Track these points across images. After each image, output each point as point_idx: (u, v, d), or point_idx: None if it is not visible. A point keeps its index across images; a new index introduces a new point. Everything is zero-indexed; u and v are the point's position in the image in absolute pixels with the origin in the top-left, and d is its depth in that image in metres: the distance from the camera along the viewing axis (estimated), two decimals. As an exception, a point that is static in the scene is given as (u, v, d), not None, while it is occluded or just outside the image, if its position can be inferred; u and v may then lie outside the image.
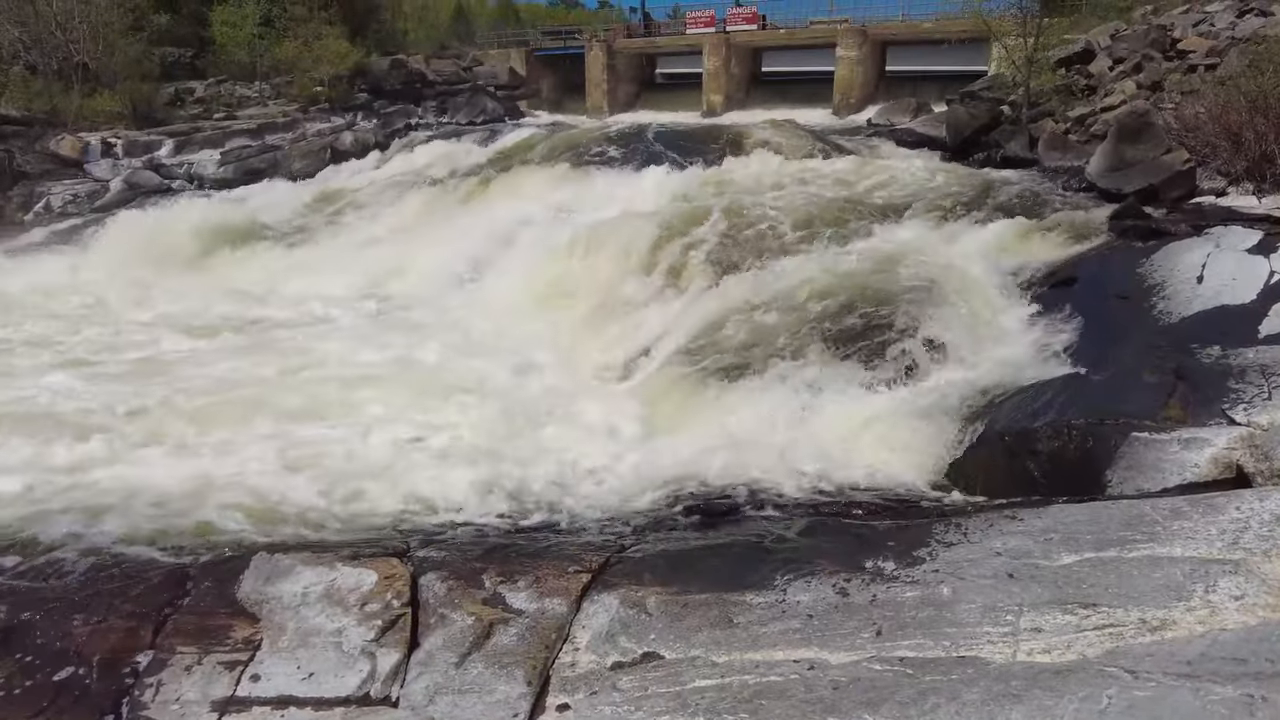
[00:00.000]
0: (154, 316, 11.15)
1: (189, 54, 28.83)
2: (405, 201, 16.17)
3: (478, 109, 26.04)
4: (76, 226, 17.26)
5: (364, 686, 3.60)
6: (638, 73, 34.77)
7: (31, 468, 6.31)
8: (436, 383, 8.63)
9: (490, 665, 3.54)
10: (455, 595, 4.01)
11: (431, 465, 6.34)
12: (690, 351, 8.66)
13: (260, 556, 4.52)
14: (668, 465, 6.54)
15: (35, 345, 9.89)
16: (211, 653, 3.97)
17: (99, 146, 19.98)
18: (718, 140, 17.40)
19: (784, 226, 10.89)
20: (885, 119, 22.33)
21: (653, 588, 3.93)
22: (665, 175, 14.46)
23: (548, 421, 7.71)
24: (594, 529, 5.11)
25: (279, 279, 13.36)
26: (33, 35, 22.88)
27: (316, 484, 5.91)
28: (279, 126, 22.03)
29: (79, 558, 5.00)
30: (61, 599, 4.63)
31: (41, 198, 18.34)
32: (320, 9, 30.14)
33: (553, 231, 12.56)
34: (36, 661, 4.06)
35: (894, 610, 3.53)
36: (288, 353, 9.60)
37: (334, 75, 25.85)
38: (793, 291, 8.93)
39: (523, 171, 16.48)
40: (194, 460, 6.41)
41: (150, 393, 7.97)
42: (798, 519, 5.05)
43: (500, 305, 11.33)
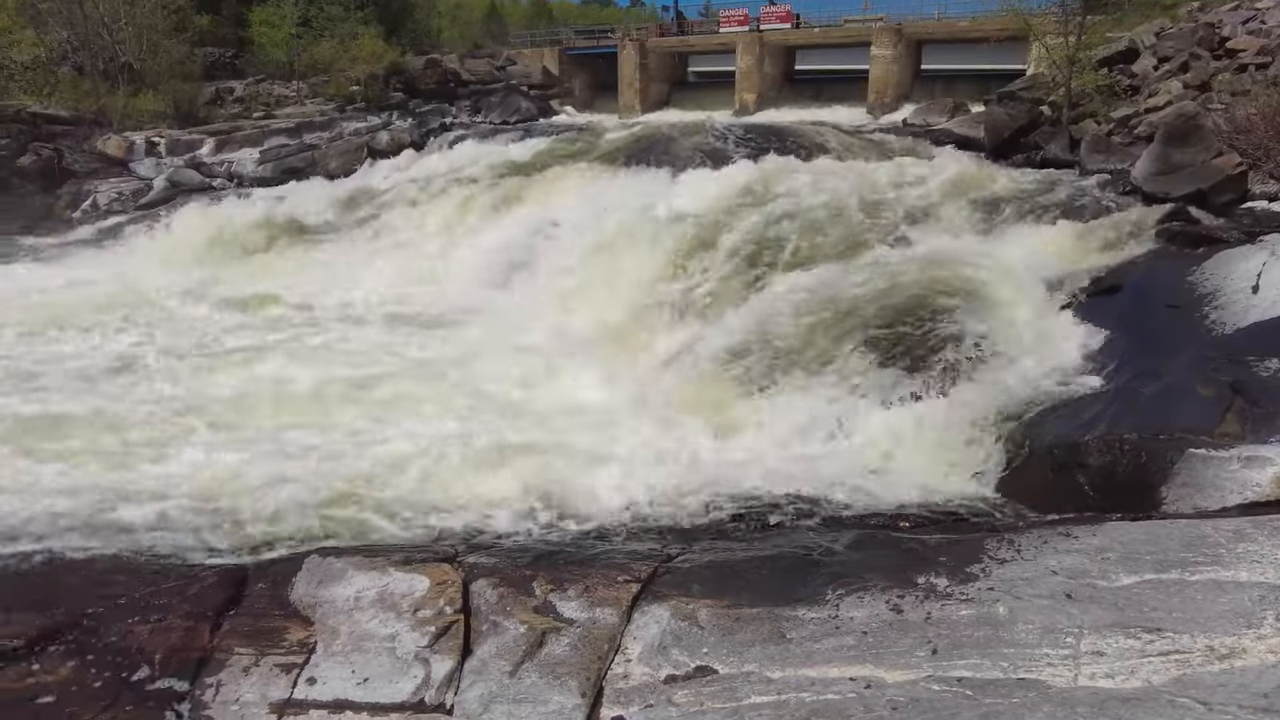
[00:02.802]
0: (205, 312, 11.36)
1: (229, 54, 29.30)
2: (440, 201, 16.28)
3: (511, 108, 26.15)
4: (121, 224, 17.64)
5: (418, 693, 3.65)
6: (670, 71, 34.67)
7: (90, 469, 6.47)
8: (471, 383, 8.70)
9: (544, 675, 3.57)
10: (506, 603, 4.05)
11: (471, 466, 6.39)
12: (728, 355, 8.63)
13: (312, 559, 4.59)
14: (707, 472, 6.54)
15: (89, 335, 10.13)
16: (268, 654, 4.05)
17: (143, 145, 20.39)
18: (753, 140, 17.33)
19: (823, 229, 10.81)
20: (921, 119, 22.05)
21: (703, 600, 3.94)
22: (703, 175, 14.38)
23: (582, 424, 7.74)
24: (638, 537, 5.12)
25: (316, 277, 13.53)
26: (81, 37, 23.40)
27: (361, 483, 5.99)
28: (316, 125, 22.31)
29: (139, 555, 5.12)
30: (123, 596, 4.75)
31: (88, 196, 18.75)
32: (356, 9, 30.50)
33: (588, 232, 12.59)
34: (103, 658, 4.17)
35: (949, 629, 3.51)
36: (327, 353, 9.73)
37: (370, 75, 26.12)
38: (833, 295, 8.87)
39: (559, 170, 16.52)
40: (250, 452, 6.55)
41: (211, 391, 8.15)
42: (844, 531, 5.04)
43: (534, 305, 11.38)
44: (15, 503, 5.62)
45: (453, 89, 27.49)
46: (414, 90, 26.68)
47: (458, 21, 39.28)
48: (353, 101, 25.21)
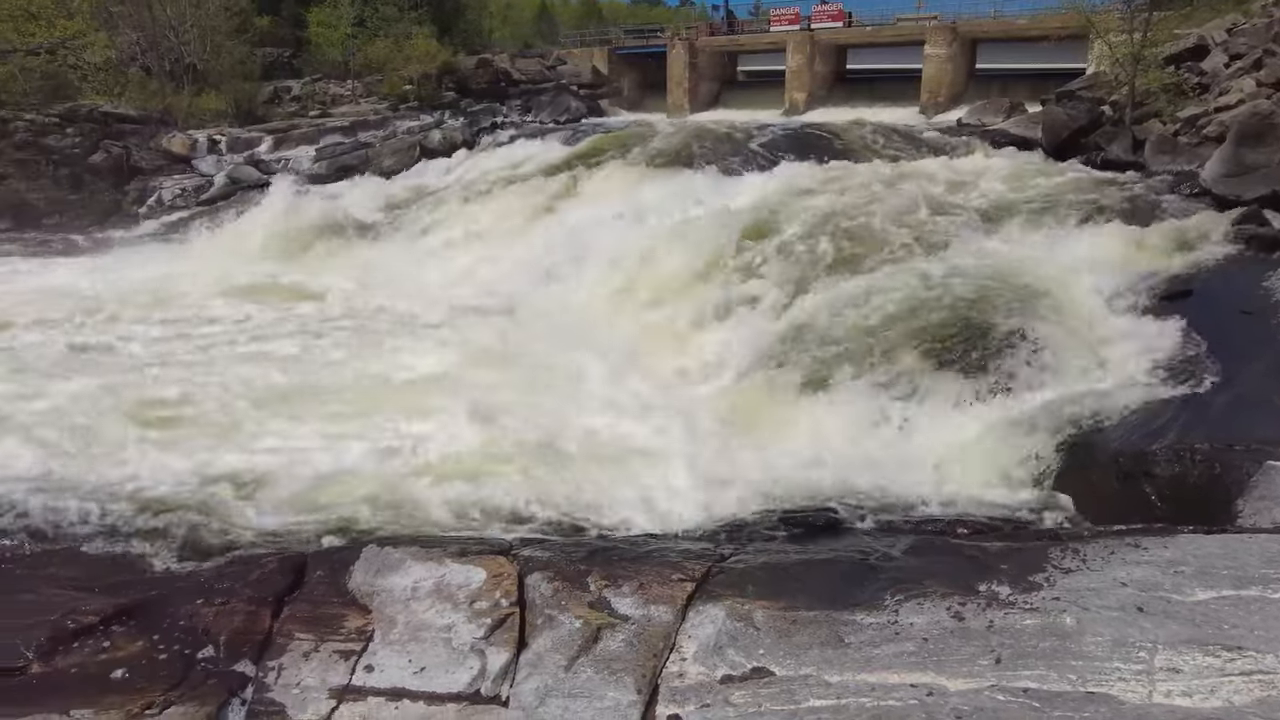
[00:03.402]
0: (256, 307, 11.64)
1: (287, 54, 30.03)
2: (491, 199, 16.45)
3: (561, 108, 26.31)
4: (184, 219, 18.19)
5: (474, 684, 3.69)
6: (719, 71, 34.53)
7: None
8: (521, 381, 8.75)
9: (599, 670, 3.57)
10: (561, 597, 4.07)
11: (524, 461, 6.44)
12: (778, 356, 8.56)
13: (370, 549, 4.67)
14: (757, 472, 6.49)
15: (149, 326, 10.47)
16: (327, 641, 4.13)
17: (205, 143, 21.00)
18: (808, 140, 17.17)
19: (876, 230, 10.65)
20: (976, 119, 21.62)
21: (758, 601, 3.91)
22: (754, 175, 14.31)
23: (631, 422, 7.73)
24: (690, 536, 5.10)
25: (366, 273, 13.76)
26: (149, 39, 24.21)
27: (425, 473, 6.09)
28: (370, 124, 22.74)
29: (203, 539, 5.26)
30: (188, 579, 4.90)
31: (154, 192, 19.37)
32: (410, 9, 31.01)
33: (638, 230, 12.61)
34: (171, 637, 4.30)
35: (1013, 638, 3.42)
36: (382, 347, 9.89)
37: (423, 74, 26.52)
38: (886, 297, 8.74)
39: (608, 169, 16.57)
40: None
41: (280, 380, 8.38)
42: (900, 536, 4.95)
43: (583, 304, 11.42)
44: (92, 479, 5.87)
45: (504, 88, 27.77)
46: (466, 89, 27.01)
47: (509, 21, 39.68)
48: (406, 101, 25.62)
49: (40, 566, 5.04)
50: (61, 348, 9.51)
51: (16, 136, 19.52)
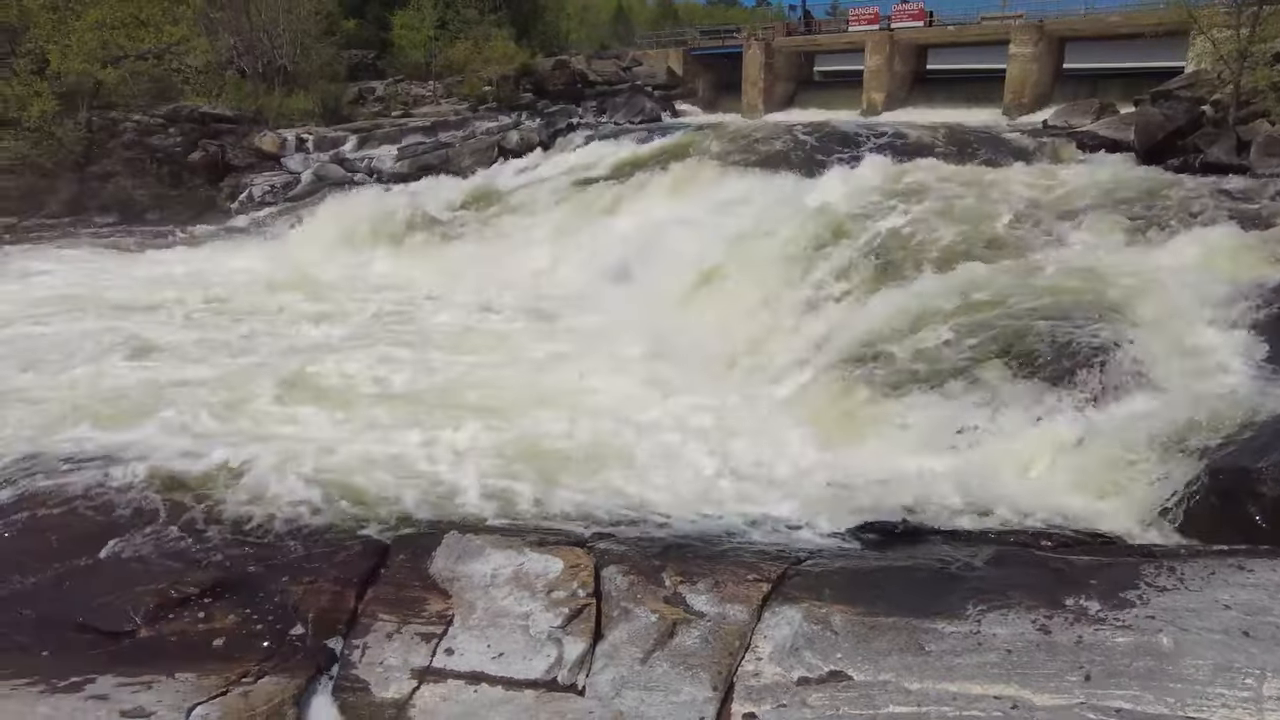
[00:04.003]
0: (340, 302, 12.09)
1: (371, 55, 30.96)
2: (566, 199, 16.68)
3: (636, 109, 26.44)
4: (273, 214, 18.97)
5: (551, 672, 3.76)
6: (795, 71, 34.17)
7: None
8: (588, 375, 8.82)
9: (675, 665, 3.60)
10: (637, 590, 4.11)
11: (600, 458, 6.51)
12: (853, 360, 8.43)
13: (452, 535, 4.80)
14: (832, 476, 6.42)
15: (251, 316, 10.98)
16: (409, 623, 4.26)
17: (294, 142, 21.83)
18: (885, 140, 16.86)
19: (960, 232, 10.40)
20: (1063, 120, 20.84)
21: (836, 605, 3.87)
22: (833, 176, 14.11)
23: (703, 422, 7.73)
24: (765, 537, 5.09)
25: (445, 270, 14.11)
26: (246, 43, 25.33)
27: (497, 469, 6.23)
28: (450, 124, 23.26)
29: (292, 519, 5.49)
30: (279, 557, 5.12)
31: (245, 188, 20.25)
32: (490, 11, 31.62)
33: (713, 230, 12.59)
34: (263, 613, 4.51)
35: (1104, 656, 3.31)
36: (460, 342, 10.14)
37: (501, 75, 27.00)
38: (969, 302, 8.51)
39: (682, 170, 16.60)
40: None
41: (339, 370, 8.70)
42: (981, 545, 4.84)
43: (657, 303, 11.46)
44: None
45: (579, 89, 28.05)
46: (542, 91, 27.38)
47: (585, 23, 40.08)
48: (485, 101, 26.13)
49: (148, 533, 5.34)
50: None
51: (125, 136, 20.68)
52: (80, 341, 9.66)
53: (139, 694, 3.76)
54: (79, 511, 5.71)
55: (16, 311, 11.03)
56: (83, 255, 15.45)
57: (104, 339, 9.77)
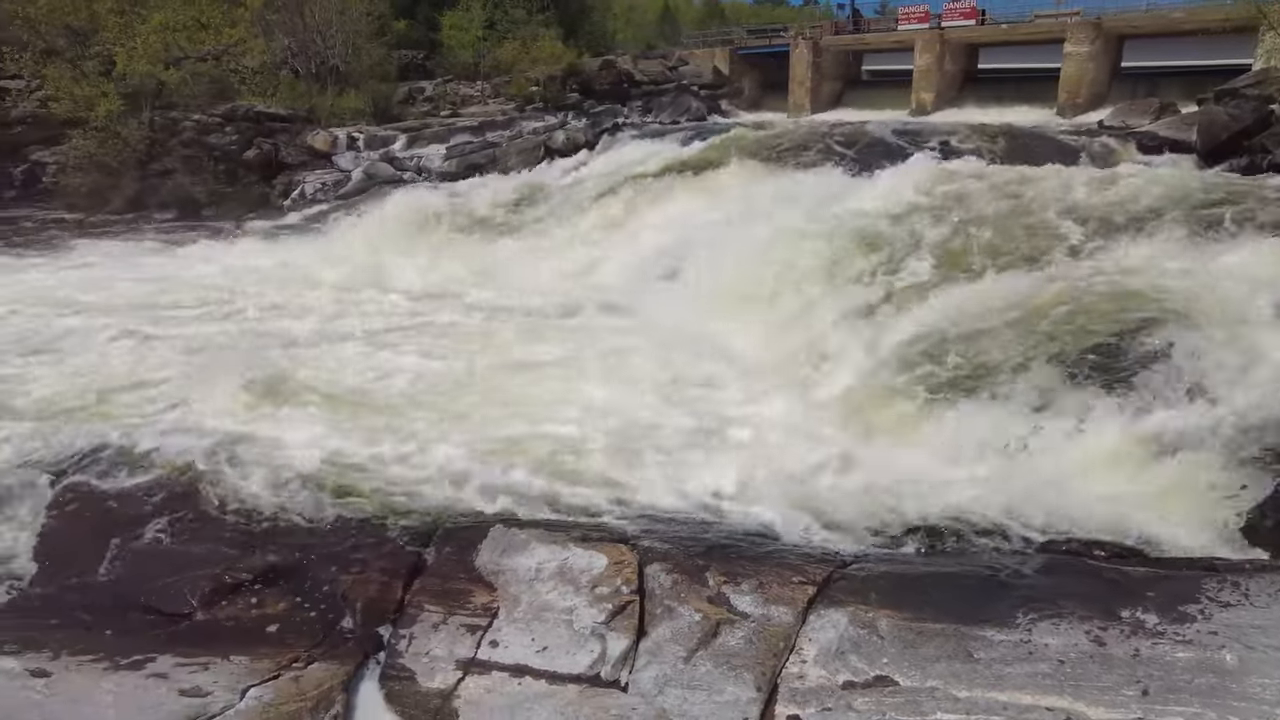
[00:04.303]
0: (394, 299, 12.30)
1: (421, 56, 31.46)
2: (610, 198, 16.72)
3: (681, 108, 26.43)
4: (323, 212, 19.35)
5: (594, 667, 3.78)
6: (843, 70, 33.81)
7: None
8: (636, 378, 8.83)
9: (718, 665, 3.59)
10: (680, 589, 4.11)
11: (642, 456, 6.52)
12: (900, 363, 8.31)
13: (497, 529, 4.86)
14: (876, 481, 6.33)
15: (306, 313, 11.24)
16: (455, 615, 4.33)
17: (345, 140, 22.27)
18: (934, 140, 16.59)
19: (1011, 235, 10.18)
20: (1120, 120, 20.29)
21: (882, 610, 3.83)
22: (879, 176, 13.93)
23: (749, 424, 7.69)
24: (809, 539, 5.05)
25: (491, 268, 14.25)
26: (300, 43, 25.94)
27: (543, 467, 6.29)
28: (498, 124, 23.52)
29: (339, 509, 5.60)
30: (328, 546, 5.23)
31: (298, 186, 20.73)
32: (538, 11, 31.90)
33: (757, 230, 12.50)
34: (313, 600, 4.61)
35: (1162, 671, 3.22)
36: (499, 341, 10.23)
37: (548, 75, 27.23)
38: (1021, 304, 8.33)
39: (726, 170, 16.53)
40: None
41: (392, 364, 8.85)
42: (1031, 553, 4.75)
43: (700, 303, 11.42)
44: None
45: (625, 89, 28.13)
46: (589, 90, 27.52)
47: (632, 23, 40.18)
48: (531, 101, 26.36)
49: (202, 519, 5.50)
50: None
51: (184, 135, 21.34)
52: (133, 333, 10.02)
53: (196, 674, 3.88)
54: (135, 495, 5.90)
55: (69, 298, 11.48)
56: (132, 249, 15.97)
57: (154, 330, 10.13)
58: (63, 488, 5.95)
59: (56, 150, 20.56)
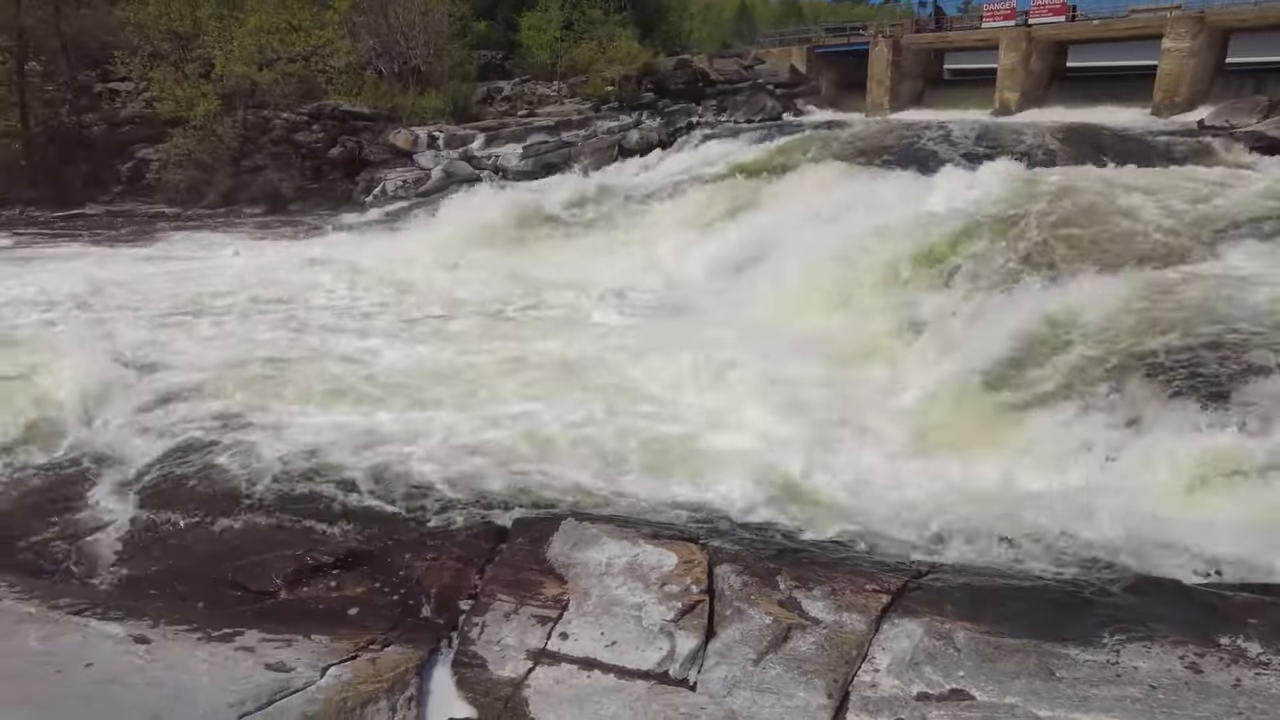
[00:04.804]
0: (470, 294, 12.58)
1: (499, 56, 32.04)
2: (682, 197, 16.73)
3: (756, 107, 26.23)
4: (403, 209, 19.89)
5: (663, 665, 3.79)
6: (923, 69, 32.98)
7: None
8: (705, 377, 8.79)
9: (789, 669, 3.56)
10: (750, 591, 4.09)
11: (712, 456, 6.50)
12: (979, 370, 8.07)
13: (569, 522, 4.91)
14: (953, 489, 6.16)
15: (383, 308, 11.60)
16: (526, 605, 4.39)
17: (425, 139, 22.86)
18: (1017, 140, 16.08)
19: (1101, 239, 9.77)
20: (1223, 120, 19.30)
21: (959, 621, 3.73)
22: (957, 178, 13.56)
23: (819, 427, 7.58)
24: (883, 547, 4.95)
25: (567, 264, 14.41)
26: (384, 44, 26.75)
27: (613, 459, 6.34)
28: (573, 124, 23.79)
29: (416, 497, 5.76)
30: (404, 533, 5.38)
31: (379, 183, 21.38)
32: (615, 11, 32.11)
33: (831, 230, 12.32)
34: (390, 585, 4.75)
35: (1266, 704, 3.05)
36: (574, 334, 10.34)
37: (623, 75, 27.38)
38: (1108, 313, 7.98)
39: (801, 169, 16.35)
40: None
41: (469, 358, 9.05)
42: (1120, 572, 4.55)
43: (772, 305, 11.32)
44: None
45: (700, 88, 28.07)
46: (663, 90, 27.56)
47: (708, 22, 40.06)
48: (606, 101, 26.55)
49: (287, 503, 5.73)
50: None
51: (274, 133, 22.26)
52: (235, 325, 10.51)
53: (280, 650, 4.04)
54: (228, 478, 6.18)
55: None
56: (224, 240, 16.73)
57: (257, 322, 10.60)
58: (164, 467, 6.28)
59: (159, 148, 21.75)
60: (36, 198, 20.52)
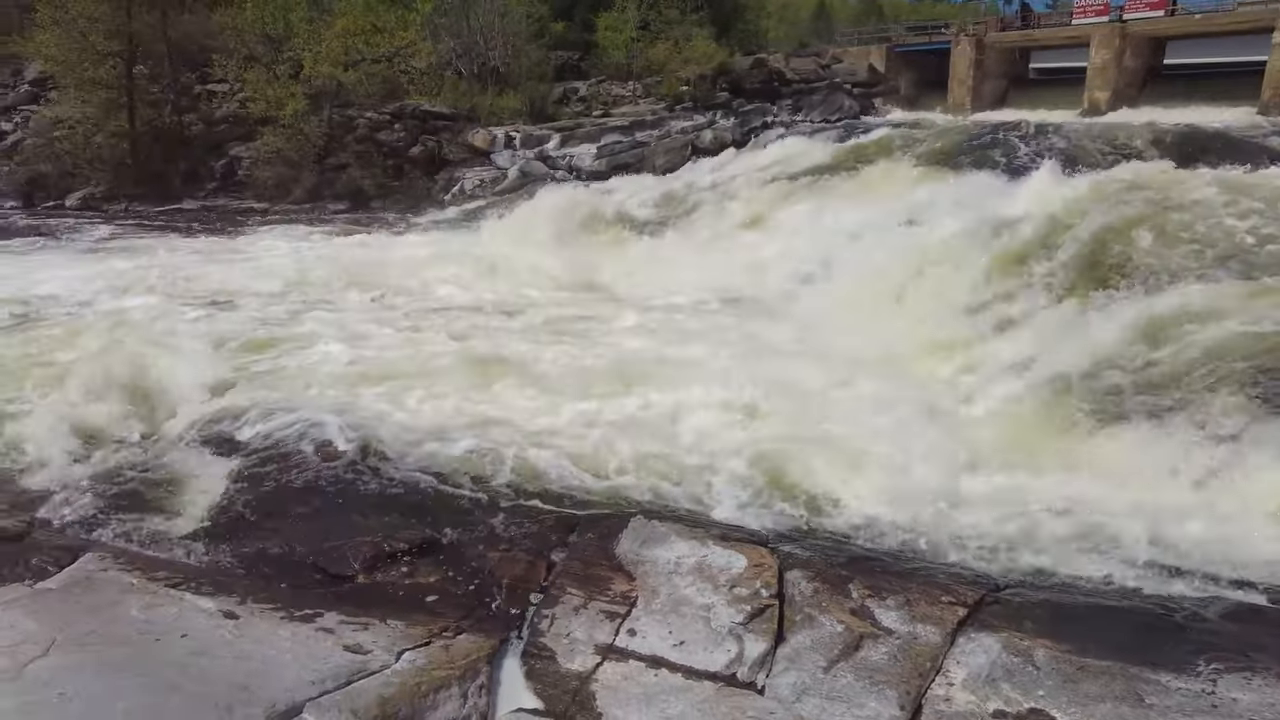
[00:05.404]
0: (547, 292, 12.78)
1: (576, 57, 32.36)
2: (755, 198, 16.59)
3: (833, 106, 25.84)
4: (480, 207, 20.31)
5: (731, 667, 3.77)
6: (1007, 68, 31.91)
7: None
8: (778, 381, 8.70)
9: (860, 678, 3.50)
10: (822, 598, 4.04)
11: (788, 460, 6.43)
12: (1061, 380, 7.77)
13: (638, 520, 4.94)
14: (1034, 504, 5.95)
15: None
16: (595, 600, 4.43)
17: (502, 139, 23.29)
18: (1105, 142, 15.42)
19: (1197, 246, 9.29)
20: (1339, 120, 18.10)
21: (1039, 639, 3.61)
22: (1041, 180, 13.09)
23: (893, 436, 7.42)
24: (958, 559, 4.82)
25: (637, 266, 14.47)
26: (464, 45, 27.36)
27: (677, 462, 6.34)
28: (647, 124, 23.88)
29: (488, 489, 5.89)
30: (476, 523, 5.50)
31: (457, 182, 21.88)
32: (691, 11, 32.07)
33: (908, 233, 12.06)
34: (463, 574, 4.86)
35: (1379, 743, 2.86)
36: (640, 333, 10.38)
37: (699, 75, 27.31)
38: (1205, 325, 7.60)
39: (878, 170, 16.03)
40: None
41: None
42: (1215, 596, 4.33)
43: (845, 308, 11.13)
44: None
45: (776, 88, 27.79)
46: (739, 90, 27.39)
47: (785, 21, 39.66)
48: (681, 101, 26.54)
49: (364, 490, 5.92)
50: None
51: (357, 132, 23.01)
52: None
53: (358, 633, 4.18)
54: (308, 464, 6.42)
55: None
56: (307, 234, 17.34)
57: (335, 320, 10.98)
58: (252, 450, 6.57)
59: (250, 146, 22.74)
60: (141, 193, 21.73)
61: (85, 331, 9.67)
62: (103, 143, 22.27)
